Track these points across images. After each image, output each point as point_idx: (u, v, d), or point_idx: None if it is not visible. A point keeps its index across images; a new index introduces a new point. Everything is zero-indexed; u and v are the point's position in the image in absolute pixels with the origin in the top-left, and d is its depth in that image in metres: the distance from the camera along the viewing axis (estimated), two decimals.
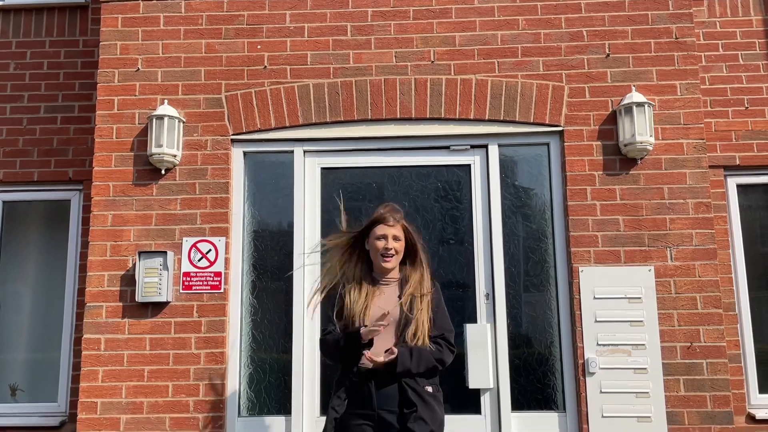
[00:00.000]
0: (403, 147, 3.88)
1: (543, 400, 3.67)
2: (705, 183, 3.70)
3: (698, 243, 3.63)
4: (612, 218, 3.68)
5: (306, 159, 3.89)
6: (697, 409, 3.48)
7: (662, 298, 3.59)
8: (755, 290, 4.11)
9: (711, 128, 4.13)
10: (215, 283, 3.68)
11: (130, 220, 3.76)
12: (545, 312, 3.75)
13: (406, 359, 2.65)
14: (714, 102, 4.22)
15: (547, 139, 3.84)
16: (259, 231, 3.90)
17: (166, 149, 3.71)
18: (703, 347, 3.54)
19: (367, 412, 2.68)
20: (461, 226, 3.83)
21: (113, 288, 3.69)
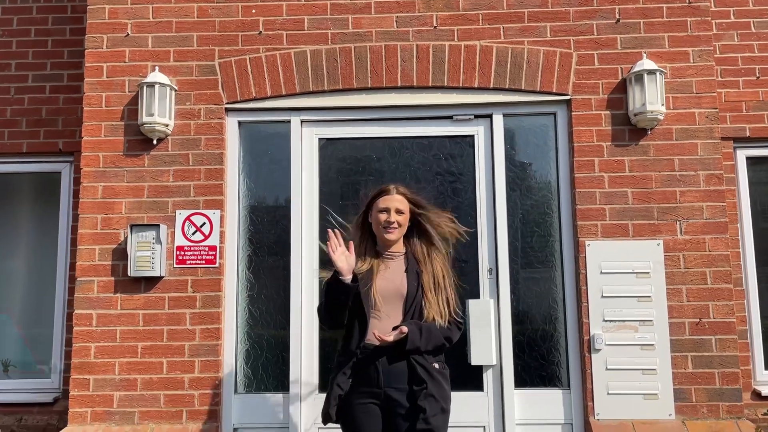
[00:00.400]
0: (404, 117, 3.74)
1: (547, 377, 3.58)
2: (717, 154, 3.57)
3: (709, 216, 3.52)
4: (620, 191, 3.55)
5: (303, 129, 3.75)
6: (705, 386, 3.40)
7: (671, 273, 3.49)
8: (763, 265, 4.01)
9: (721, 99, 3.98)
10: (210, 258, 3.57)
11: (121, 192, 3.63)
12: (550, 287, 3.65)
13: (416, 337, 2.56)
14: (724, 72, 4.07)
15: (553, 109, 3.70)
16: (255, 204, 3.77)
17: (158, 118, 3.56)
18: (713, 323, 3.44)
19: (373, 390, 2.59)
20: (464, 199, 3.71)
21: (104, 262, 3.58)
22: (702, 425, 3.35)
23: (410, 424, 2.52)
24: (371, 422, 2.58)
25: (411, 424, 2.51)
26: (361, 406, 2.58)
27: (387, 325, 2.60)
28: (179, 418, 3.45)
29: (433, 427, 2.52)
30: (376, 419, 2.59)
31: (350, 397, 2.60)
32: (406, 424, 2.53)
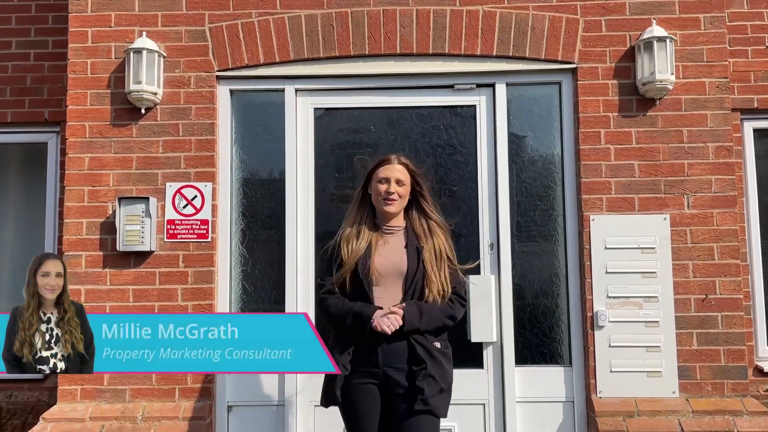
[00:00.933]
0: (403, 86, 3.59)
1: (548, 354, 3.50)
2: (727, 125, 3.45)
3: (717, 190, 3.41)
4: (627, 163, 3.43)
5: (298, 98, 3.60)
6: (710, 364, 3.33)
7: (677, 248, 3.39)
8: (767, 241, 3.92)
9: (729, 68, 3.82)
10: (202, 232, 3.45)
11: (109, 163, 3.49)
12: (553, 263, 3.54)
13: (414, 318, 2.45)
14: (733, 40, 3.92)
15: (558, 78, 3.55)
16: (249, 176, 3.64)
17: (146, 86, 3.41)
18: (719, 300, 3.36)
19: (371, 369, 2.49)
20: (465, 172, 3.58)
21: (92, 236, 3.45)
22: (706, 403, 3.29)
23: (408, 404, 2.43)
24: (370, 403, 2.50)
25: (409, 404, 2.43)
26: (360, 386, 2.49)
27: (386, 303, 2.50)
28: (172, 396, 3.36)
29: (432, 407, 2.43)
30: (375, 400, 2.50)
31: (348, 377, 2.51)
32: (405, 404, 2.44)
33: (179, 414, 3.31)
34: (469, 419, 3.40)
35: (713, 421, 3.22)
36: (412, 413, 2.41)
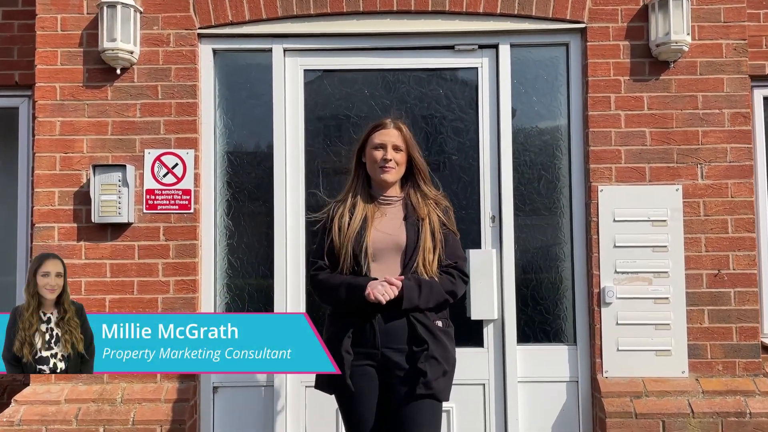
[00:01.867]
0: (400, 46, 3.34)
1: (552, 332, 3.33)
2: (744, 91, 3.24)
3: (733, 159, 3.22)
4: (638, 131, 3.23)
5: (286, 59, 3.34)
6: (722, 342, 3.17)
7: (689, 220, 3.20)
8: None
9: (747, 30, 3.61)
10: (184, 203, 3.21)
11: (82, 128, 3.23)
12: (558, 236, 3.35)
13: (413, 294, 2.25)
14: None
15: (566, 38, 3.32)
16: (234, 143, 3.39)
17: (121, 44, 3.14)
18: (732, 275, 3.19)
19: (369, 350, 2.29)
20: (465, 140, 3.36)
21: (65, 207, 3.21)
22: (717, 383, 3.14)
23: (409, 388, 2.24)
24: (368, 386, 2.30)
25: (410, 388, 2.23)
26: (357, 368, 2.28)
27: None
28: (153, 377, 3.16)
29: (435, 391, 2.24)
30: (373, 382, 2.31)
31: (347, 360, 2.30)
32: (405, 388, 2.25)
33: (161, 396, 3.11)
34: (468, 400, 3.24)
35: (724, 402, 3.07)
36: (414, 397, 2.22)
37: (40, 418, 3.02)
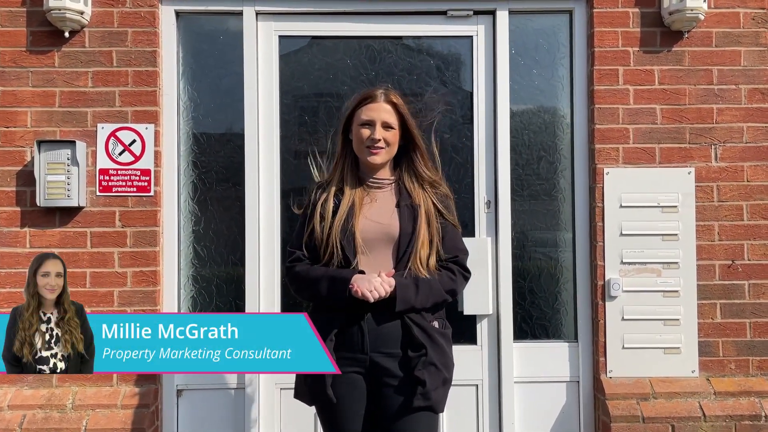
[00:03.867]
0: (386, 11, 3.00)
1: (551, 328, 3.05)
2: (763, 64, 2.97)
3: (749, 139, 2.95)
4: (648, 107, 2.94)
5: (259, 23, 2.98)
6: (735, 339, 2.92)
7: (702, 206, 2.93)
8: None
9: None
10: (143, 184, 2.85)
11: (26, 99, 2.84)
12: (558, 223, 3.07)
13: (408, 294, 1.93)
14: None
15: (570, 5, 3.01)
16: (200, 118, 3.03)
17: (69, 3, 2.74)
18: (747, 266, 2.93)
19: (356, 355, 1.97)
20: (458, 117, 3.05)
21: (6, 188, 2.83)
22: (729, 383, 2.89)
23: (405, 398, 1.93)
24: (353, 395, 1.99)
25: (406, 398, 1.93)
26: (342, 376, 1.97)
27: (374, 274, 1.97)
28: (108, 380, 2.82)
29: (433, 403, 1.94)
30: (360, 392, 1.99)
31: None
32: (400, 398, 1.94)
33: (117, 401, 2.77)
34: (459, 403, 2.95)
35: (738, 404, 2.83)
36: (410, 409, 1.92)
37: None
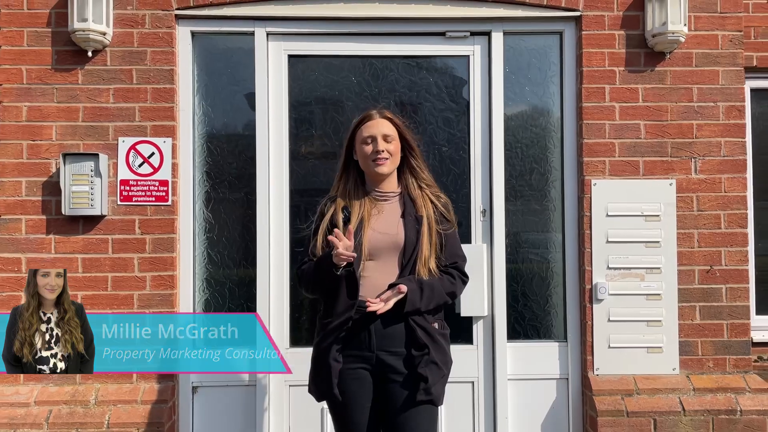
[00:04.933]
0: (389, 32, 3.20)
1: (543, 328, 3.26)
2: (739, 83, 3.19)
3: (727, 153, 3.16)
4: (632, 123, 3.15)
5: (270, 43, 3.18)
6: (712, 339, 3.14)
7: (683, 215, 3.15)
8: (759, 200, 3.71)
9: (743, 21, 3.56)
10: (161, 194, 3.05)
11: (51, 114, 3.03)
12: (549, 231, 3.28)
13: (416, 297, 2.14)
14: None
15: (561, 27, 3.22)
16: (214, 132, 3.23)
17: (93, 25, 2.94)
18: (724, 271, 3.15)
19: (363, 353, 2.18)
20: (456, 131, 3.25)
21: (33, 197, 3.02)
22: (708, 380, 3.11)
23: (409, 393, 2.14)
24: (360, 390, 2.19)
25: (410, 393, 2.14)
26: (350, 371, 2.18)
27: (381, 280, 2.17)
28: (128, 378, 3.01)
29: (434, 397, 2.15)
30: (367, 387, 2.20)
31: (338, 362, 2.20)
32: (405, 392, 2.14)
33: (138, 397, 2.97)
34: (456, 399, 3.15)
35: (715, 399, 3.05)
36: (413, 403, 2.12)
37: (9, 421, 2.86)
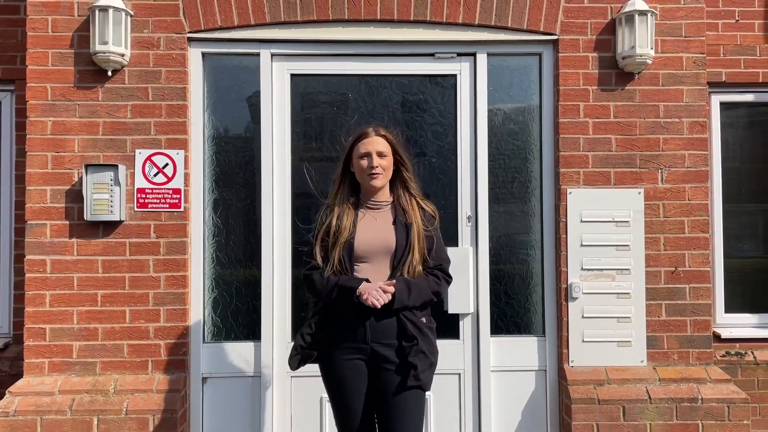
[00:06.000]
0: (383, 53, 3.50)
1: (523, 324, 3.56)
2: (702, 101, 3.50)
3: (690, 165, 3.47)
4: (604, 137, 3.46)
5: (274, 63, 3.47)
6: (677, 334, 3.45)
7: (650, 221, 3.46)
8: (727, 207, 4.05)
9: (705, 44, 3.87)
10: (174, 201, 3.33)
11: (74, 128, 3.31)
12: (529, 235, 3.58)
13: (403, 296, 2.44)
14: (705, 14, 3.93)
15: (539, 49, 3.52)
16: (222, 144, 3.52)
17: (112, 47, 3.22)
18: (687, 272, 3.46)
19: (359, 345, 2.48)
20: (444, 143, 3.55)
21: (57, 204, 3.30)
22: (672, 371, 3.41)
23: (401, 379, 2.44)
24: (357, 380, 2.49)
25: (401, 379, 2.43)
26: (348, 362, 2.48)
27: (374, 281, 2.46)
28: (144, 369, 3.29)
29: (422, 383, 2.45)
30: (363, 376, 2.50)
31: (335, 353, 2.50)
32: (397, 379, 2.44)
33: (153, 386, 3.25)
34: (444, 389, 3.45)
35: (679, 389, 3.35)
36: (404, 388, 2.43)
37: (35, 408, 3.13)
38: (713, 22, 3.99)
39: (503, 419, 3.49)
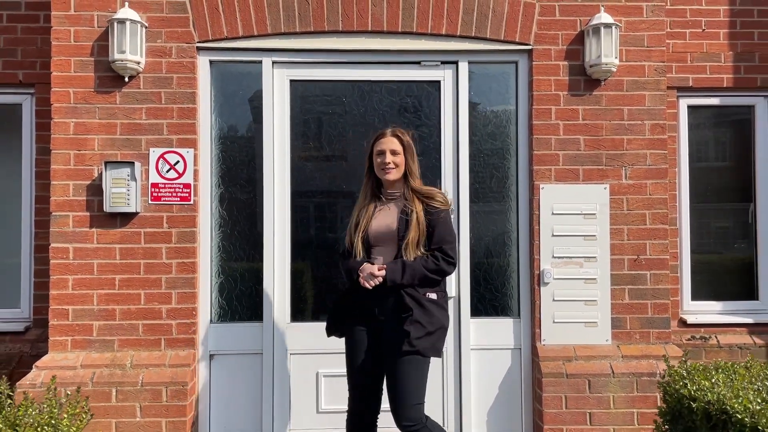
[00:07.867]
0: (373, 61, 3.86)
1: (500, 307, 3.92)
2: (662, 105, 3.86)
3: (651, 163, 3.84)
4: (573, 138, 3.82)
5: (275, 70, 3.83)
6: (639, 316, 3.81)
7: (615, 214, 3.82)
8: (695, 204, 4.38)
9: (669, 49, 4.22)
10: (185, 195, 3.68)
11: (94, 128, 3.66)
12: (506, 226, 3.94)
13: (395, 274, 2.84)
14: (673, 23, 4.30)
15: (515, 58, 3.88)
16: (228, 143, 3.87)
17: (129, 56, 3.57)
18: (648, 260, 3.82)
19: (370, 316, 2.95)
20: (429, 143, 3.91)
21: (79, 197, 3.65)
22: (634, 349, 3.78)
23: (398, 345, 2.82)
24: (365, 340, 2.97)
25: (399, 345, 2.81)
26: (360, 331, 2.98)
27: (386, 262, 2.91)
28: (158, 346, 3.65)
29: (419, 348, 2.81)
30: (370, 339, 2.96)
31: (350, 325, 3.01)
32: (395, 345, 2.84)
33: (165, 362, 3.60)
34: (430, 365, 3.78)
35: (639, 364, 3.72)
36: (400, 353, 2.82)
37: (60, 381, 3.47)
38: (681, 31, 4.34)
39: (482, 392, 3.86)
